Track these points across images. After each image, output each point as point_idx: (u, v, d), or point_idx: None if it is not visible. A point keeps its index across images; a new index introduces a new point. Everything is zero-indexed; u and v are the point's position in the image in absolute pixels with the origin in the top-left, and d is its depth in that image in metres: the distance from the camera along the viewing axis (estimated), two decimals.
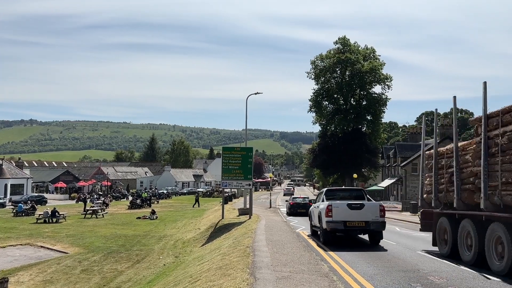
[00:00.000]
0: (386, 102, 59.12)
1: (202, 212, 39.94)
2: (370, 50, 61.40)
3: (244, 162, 25.04)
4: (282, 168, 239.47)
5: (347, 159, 54.24)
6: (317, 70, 60.57)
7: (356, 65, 57.43)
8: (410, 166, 45.82)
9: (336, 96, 60.12)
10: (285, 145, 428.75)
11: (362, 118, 59.45)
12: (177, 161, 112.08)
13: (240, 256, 11.18)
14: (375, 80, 58.20)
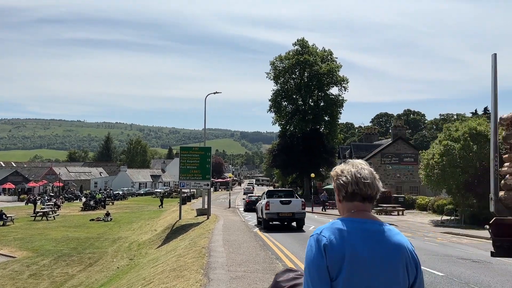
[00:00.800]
0: (343, 103, 60.74)
1: (160, 213, 39.24)
2: (327, 52, 62.80)
3: (202, 162, 24.83)
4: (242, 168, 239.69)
5: (305, 159, 55.14)
6: (277, 71, 61.22)
7: (314, 67, 58.55)
8: None
9: (295, 97, 61.03)
10: (245, 145, 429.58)
11: (320, 118, 60.72)
12: (133, 161, 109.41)
13: (195, 257, 11.08)
14: (332, 81, 59.60)
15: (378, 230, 1.83)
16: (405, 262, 1.79)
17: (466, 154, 23.95)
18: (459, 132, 25.04)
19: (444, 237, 17.68)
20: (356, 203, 1.89)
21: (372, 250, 1.76)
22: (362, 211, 1.87)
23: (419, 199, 36.39)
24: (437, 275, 8.81)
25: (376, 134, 62.79)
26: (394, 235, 1.83)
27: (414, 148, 48.08)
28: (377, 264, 1.75)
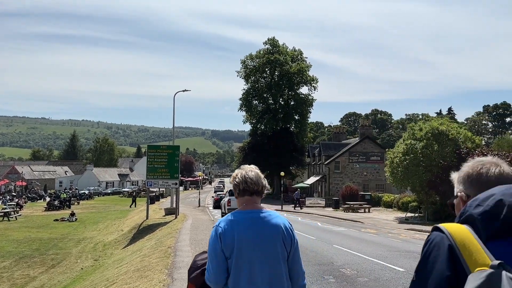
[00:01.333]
0: (313, 102, 61.49)
1: (127, 213, 38.52)
2: (298, 52, 63.37)
3: (170, 161, 24.53)
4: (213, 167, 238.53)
5: (276, 158, 55.44)
6: (247, 70, 61.25)
7: (285, 66, 58.96)
8: (333, 164, 47.96)
9: (265, 96, 61.26)
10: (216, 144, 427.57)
11: (290, 117, 61.22)
12: (100, 160, 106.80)
13: (161, 257, 10.94)
14: (302, 81, 60.21)
15: (260, 217, 2.46)
16: (281, 237, 2.42)
17: (429, 153, 24.72)
18: (422, 132, 25.82)
19: (408, 234, 18.19)
20: (247, 197, 2.52)
21: (255, 232, 2.39)
22: (251, 203, 2.51)
23: (385, 196, 37.32)
24: (398, 271, 9.05)
25: (344, 133, 63.89)
26: (273, 219, 2.47)
27: (380, 147, 49.23)
28: (259, 242, 2.37)
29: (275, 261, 2.40)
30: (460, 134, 25.71)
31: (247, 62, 62.05)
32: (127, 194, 69.14)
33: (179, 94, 32.73)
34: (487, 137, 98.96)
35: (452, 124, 27.53)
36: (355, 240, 15.04)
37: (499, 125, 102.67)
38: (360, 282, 7.96)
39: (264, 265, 2.38)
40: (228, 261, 2.37)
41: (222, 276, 2.37)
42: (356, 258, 10.70)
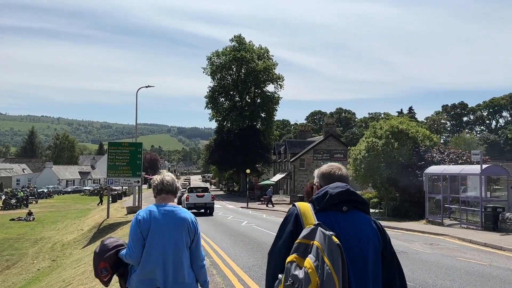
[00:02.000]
0: (279, 100, 61.93)
1: (87, 212, 37.48)
2: (264, 50, 63.59)
3: (132, 158, 24.05)
4: (179, 164, 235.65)
5: (242, 155, 55.48)
6: (213, 67, 60.90)
7: (251, 64, 59.03)
8: (299, 162, 48.54)
9: (232, 93, 61.14)
10: (183, 141, 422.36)
11: (256, 115, 61.40)
12: (60, 157, 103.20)
13: None
14: (268, 79, 60.51)
15: (172, 210, 3.18)
16: (187, 228, 3.15)
17: (389, 151, 25.47)
18: (383, 130, 26.56)
19: None
20: (163, 195, 3.26)
21: (166, 221, 3.09)
22: (166, 200, 3.25)
23: None
24: None
25: (310, 131, 64.72)
26: (182, 213, 3.20)
27: (344, 145, 50.24)
28: (169, 229, 3.09)
29: (180, 245, 3.13)
30: (419, 132, 26.63)
31: (213, 59, 61.69)
32: (88, 193, 67.28)
33: (144, 90, 32.13)
34: (445, 135, 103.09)
35: (411, 123, 28.47)
36: None
37: (456, 124, 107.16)
38: None
39: (171, 247, 3.09)
40: (145, 241, 3.08)
41: (140, 253, 3.07)
42: None
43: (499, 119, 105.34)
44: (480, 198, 16.89)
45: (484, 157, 19.56)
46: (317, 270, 1.77)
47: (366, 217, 2.14)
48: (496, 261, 10.20)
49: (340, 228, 2.02)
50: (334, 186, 2.15)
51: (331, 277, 1.76)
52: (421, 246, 12.78)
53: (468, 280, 7.90)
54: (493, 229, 15.82)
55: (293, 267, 1.84)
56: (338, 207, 2.09)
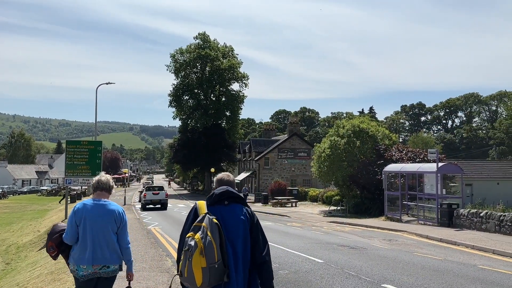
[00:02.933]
0: (244, 99, 61.92)
1: (45, 213, 36.02)
2: (229, 48, 63.36)
3: (92, 157, 23.29)
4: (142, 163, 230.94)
5: (206, 154, 55.07)
6: (177, 64, 60.06)
7: (216, 62, 58.64)
8: (263, 160, 48.78)
9: (196, 91, 60.51)
10: (145, 139, 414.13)
11: (221, 114, 61.10)
12: (16, 156, 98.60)
13: None
14: (233, 77, 60.34)
15: (103, 204, 4.12)
16: (113, 217, 4.10)
17: (351, 149, 26.07)
18: (345, 129, 27.16)
19: (330, 226, 19.03)
20: (98, 192, 4.21)
21: (96, 212, 4.06)
22: (100, 196, 4.20)
23: (311, 191, 38.72)
24: (317, 262, 9.42)
25: (274, 130, 65.17)
26: (110, 206, 4.14)
27: (308, 144, 50.95)
28: (98, 218, 4.05)
29: (107, 230, 4.13)
30: (379, 131, 27.41)
31: (177, 56, 60.83)
32: (46, 193, 64.68)
33: (104, 87, 31.28)
34: (404, 134, 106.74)
35: (372, 123, 29.25)
36: (280, 234, 15.41)
37: (415, 123, 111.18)
38: (281, 275, 8.16)
39: (100, 232, 4.10)
40: (78, 228, 4.09)
41: (74, 237, 4.12)
42: (279, 252, 10.96)
43: (455, 119, 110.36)
44: (437, 195, 17.59)
45: (440, 155, 20.40)
46: (202, 240, 2.97)
47: (241, 206, 3.30)
48: (450, 255, 10.66)
49: (222, 215, 3.18)
50: (219, 189, 3.31)
51: (211, 243, 2.98)
52: (380, 242, 13.16)
53: (424, 275, 8.21)
54: (448, 225, 16.52)
55: (189, 239, 3.03)
56: (221, 202, 3.24)
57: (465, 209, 16.48)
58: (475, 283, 7.60)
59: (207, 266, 2.97)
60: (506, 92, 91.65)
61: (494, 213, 14.78)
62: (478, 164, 37.56)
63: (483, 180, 33.70)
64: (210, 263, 2.98)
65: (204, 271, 2.97)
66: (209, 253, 2.97)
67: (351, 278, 7.84)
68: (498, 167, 37.24)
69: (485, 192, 31.02)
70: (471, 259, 10.18)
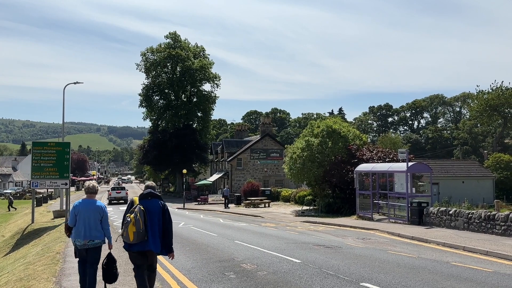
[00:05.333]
0: (215, 100, 61.54)
1: (9, 217, 34.55)
2: (200, 48, 62.86)
3: (59, 159, 22.54)
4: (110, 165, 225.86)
5: (178, 155, 54.39)
6: (148, 63, 59.09)
7: (187, 62, 58.04)
8: (236, 161, 48.61)
9: (167, 92, 59.67)
10: (113, 140, 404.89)
11: (193, 114, 60.48)
12: None
13: (48, 264, 9.96)
14: (205, 78, 59.86)
15: (93, 201, 6.70)
16: (99, 211, 6.61)
17: (323, 149, 26.36)
18: (319, 129, 27.43)
19: (304, 226, 19.15)
20: (88, 194, 6.81)
21: (87, 207, 6.61)
22: (90, 196, 6.79)
23: (283, 191, 38.91)
24: (295, 262, 9.42)
25: (246, 130, 65.05)
26: (97, 203, 6.69)
27: (280, 144, 51.14)
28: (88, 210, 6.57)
29: (94, 218, 6.53)
30: (350, 132, 27.83)
31: (147, 55, 59.83)
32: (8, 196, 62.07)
33: (71, 87, 30.33)
34: (372, 135, 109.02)
35: (343, 123, 29.68)
36: (256, 235, 15.37)
37: (382, 124, 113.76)
38: (260, 276, 8.11)
39: (89, 219, 6.50)
40: (76, 217, 6.53)
41: (73, 222, 6.54)
42: (256, 253, 10.91)
43: (421, 119, 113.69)
44: (407, 194, 18.02)
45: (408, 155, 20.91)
46: (134, 218, 5.84)
47: (157, 200, 6.16)
48: (423, 253, 10.92)
49: (147, 205, 6.03)
50: (146, 190, 6.19)
51: (139, 220, 5.83)
52: (354, 241, 13.33)
53: (400, 272, 8.35)
54: (418, 223, 16.95)
55: (127, 217, 5.91)
56: (147, 197, 6.11)
57: (435, 207, 16.94)
58: (450, 279, 7.80)
59: (136, 231, 5.86)
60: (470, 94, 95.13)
61: (463, 211, 15.25)
62: (443, 164, 38.82)
63: (449, 179, 34.89)
64: (138, 230, 5.86)
65: (134, 234, 5.86)
66: (137, 225, 5.86)
67: (329, 278, 7.88)
68: (462, 166, 38.62)
69: (451, 190, 32.13)
70: (444, 256, 10.45)
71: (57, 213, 25.23)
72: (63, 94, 29.95)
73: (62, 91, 29.95)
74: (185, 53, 58.93)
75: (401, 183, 18.68)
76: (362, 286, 7.25)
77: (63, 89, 30.08)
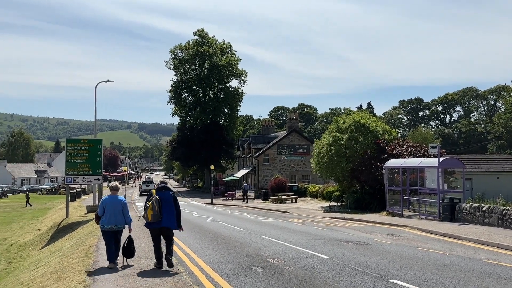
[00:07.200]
0: (242, 96, 61.76)
1: (45, 212, 35.96)
2: (227, 45, 63.15)
3: (92, 155, 23.24)
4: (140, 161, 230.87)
5: (205, 151, 55.00)
6: (176, 60, 59.93)
7: (214, 59, 58.47)
8: (263, 157, 48.74)
9: (195, 88, 60.37)
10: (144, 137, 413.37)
11: (220, 111, 60.95)
12: (15, 155, 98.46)
13: (81, 257, 10.33)
14: (231, 74, 60.15)
15: (115, 196, 8.89)
16: (120, 203, 8.86)
17: (351, 145, 26.03)
18: (346, 124, 27.10)
19: (331, 222, 19.02)
20: (112, 191, 9.03)
21: (113, 200, 8.82)
22: (113, 193, 9.00)
23: (311, 187, 38.71)
24: (322, 258, 9.39)
25: (273, 126, 65.08)
26: (119, 197, 8.91)
27: (307, 140, 50.91)
28: (113, 203, 8.79)
29: (119, 210, 8.78)
30: (379, 127, 27.36)
31: (176, 52, 60.68)
32: (45, 191, 64.61)
33: (102, 85, 31.19)
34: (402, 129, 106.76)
35: (372, 118, 29.20)
36: (283, 230, 15.39)
37: (413, 118, 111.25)
38: (287, 271, 8.14)
39: (115, 210, 8.73)
40: (104, 208, 8.74)
41: (102, 212, 8.75)
42: (283, 248, 10.94)
43: (453, 113, 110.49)
44: (438, 189, 17.58)
45: (440, 150, 20.37)
46: (152, 204, 8.25)
47: (169, 192, 8.67)
48: (455, 250, 10.65)
49: (161, 195, 8.46)
50: (160, 185, 8.81)
51: (155, 206, 8.24)
52: (383, 237, 13.15)
53: (430, 269, 8.19)
54: (450, 220, 16.53)
55: (147, 203, 8.35)
56: (161, 190, 8.59)
57: (467, 204, 16.47)
58: (483, 277, 7.59)
59: (153, 214, 8.19)
60: (505, 86, 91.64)
61: (497, 207, 14.77)
62: (477, 159, 37.55)
63: (483, 175, 33.72)
64: (154, 213, 8.19)
65: (152, 216, 8.20)
66: (154, 209, 8.19)
67: (357, 274, 7.82)
68: (497, 161, 37.25)
69: (484, 186, 31.04)
70: (476, 253, 10.17)
71: (90, 207, 26.01)
72: (95, 92, 30.81)
73: (94, 90, 30.82)
74: (212, 50, 59.37)
75: (432, 179, 18.25)
76: (390, 283, 7.15)
77: (94, 87, 30.95)
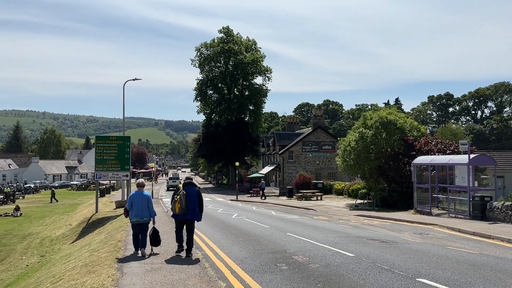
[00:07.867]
0: (267, 93, 61.75)
1: (75, 207, 37.06)
2: (252, 42, 63.20)
3: (120, 152, 23.77)
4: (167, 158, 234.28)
5: (230, 148, 55.33)
6: (202, 58, 60.43)
7: (239, 56, 58.65)
8: (287, 154, 48.60)
9: (220, 86, 60.75)
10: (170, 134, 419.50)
11: (245, 108, 61.15)
12: (47, 152, 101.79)
13: (110, 251, 10.60)
14: (256, 71, 60.21)
15: (141, 192, 9.94)
16: (146, 198, 9.89)
17: (378, 141, 25.61)
18: (372, 121, 26.66)
19: (357, 220, 18.80)
20: (139, 187, 10.05)
21: (140, 196, 9.86)
22: (140, 189, 10.00)
23: (336, 184, 38.34)
24: (348, 256, 9.31)
25: (298, 123, 64.77)
26: (145, 193, 9.99)
27: (332, 137, 50.43)
28: (141, 198, 9.83)
29: (143, 203, 9.77)
30: (407, 123, 26.78)
31: (202, 49, 61.19)
32: (75, 187, 66.52)
33: (129, 83, 31.83)
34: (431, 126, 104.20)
35: (399, 114, 28.60)
36: (308, 227, 15.33)
37: (442, 114, 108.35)
38: (312, 269, 8.11)
39: (142, 204, 9.75)
40: (132, 203, 9.80)
41: (130, 206, 9.85)
42: (308, 245, 10.90)
43: (484, 109, 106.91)
44: (468, 187, 17.11)
45: (471, 147, 19.78)
46: (180, 198, 9.33)
47: (194, 187, 9.73)
48: (485, 249, 10.35)
49: (188, 190, 9.50)
50: (186, 181, 9.94)
51: (182, 200, 9.32)
52: (411, 236, 12.90)
53: (459, 269, 7.99)
54: (481, 218, 16.06)
55: (175, 197, 9.47)
56: (188, 186, 9.66)
57: (499, 202, 15.95)
58: None
59: (180, 207, 9.32)
60: None
61: None
62: (510, 156, 36.29)
63: None
64: (181, 206, 9.30)
65: (179, 208, 9.33)
66: (181, 203, 9.28)
67: (384, 272, 7.71)
68: None
69: None
70: (508, 253, 9.85)
71: (119, 203, 26.62)
72: (123, 90, 31.44)
73: (122, 88, 31.46)
74: (237, 47, 59.54)
75: (462, 176, 17.77)
76: (418, 282, 7.02)
77: (123, 85, 31.59)
